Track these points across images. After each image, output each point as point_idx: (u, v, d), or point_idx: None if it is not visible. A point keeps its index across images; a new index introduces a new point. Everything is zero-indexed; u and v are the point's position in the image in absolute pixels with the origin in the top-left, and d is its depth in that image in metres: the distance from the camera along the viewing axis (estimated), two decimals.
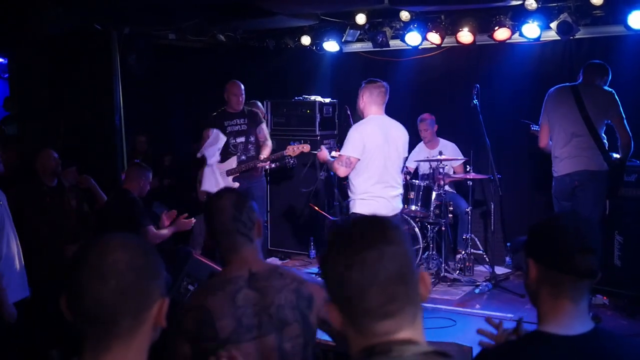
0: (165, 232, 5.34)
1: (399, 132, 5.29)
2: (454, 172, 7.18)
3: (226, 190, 2.61)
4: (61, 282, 1.45)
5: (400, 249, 1.37)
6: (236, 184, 6.67)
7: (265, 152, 6.70)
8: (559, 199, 5.79)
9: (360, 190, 5.14)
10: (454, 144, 7.30)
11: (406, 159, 5.67)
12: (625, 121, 5.59)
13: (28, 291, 4.36)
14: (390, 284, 1.33)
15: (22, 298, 4.28)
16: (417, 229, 6.59)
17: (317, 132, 7.70)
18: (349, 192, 5.32)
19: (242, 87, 6.76)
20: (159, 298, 1.47)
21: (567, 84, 5.86)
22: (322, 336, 5.16)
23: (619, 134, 5.62)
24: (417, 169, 7.39)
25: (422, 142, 7.38)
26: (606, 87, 5.73)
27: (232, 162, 6.71)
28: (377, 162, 5.08)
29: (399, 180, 5.29)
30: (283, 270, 2.48)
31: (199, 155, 6.63)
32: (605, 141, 5.65)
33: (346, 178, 5.34)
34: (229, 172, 6.69)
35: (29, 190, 5.33)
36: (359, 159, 5.07)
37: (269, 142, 6.83)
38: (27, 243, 4.60)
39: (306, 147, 6.66)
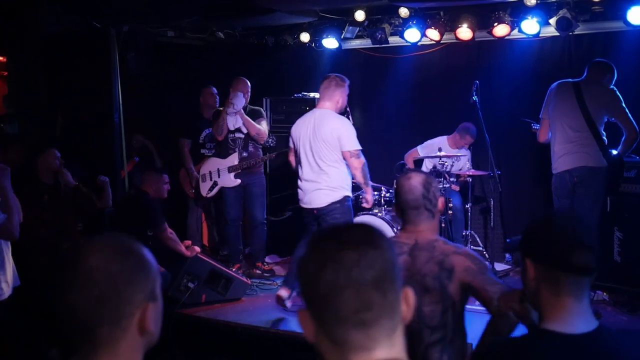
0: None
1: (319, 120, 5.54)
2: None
3: (414, 171, 2.97)
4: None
5: (383, 255, 1.28)
6: (238, 181, 6.76)
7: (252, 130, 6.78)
8: (559, 196, 5.78)
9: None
10: (469, 153, 7.24)
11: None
12: (630, 116, 5.58)
13: (18, 280, 4.34)
14: (365, 289, 1.24)
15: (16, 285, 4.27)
16: None
17: None
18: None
19: (249, 84, 6.89)
20: (141, 303, 1.40)
21: (570, 79, 5.86)
22: None
23: (625, 130, 5.61)
24: (420, 162, 7.37)
25: (446, 139, 7.22)
26: (611, 86, 5.73)
27: (234, 159, 6.76)
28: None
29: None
30: (438, 243, 2.81)
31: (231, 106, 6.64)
32: (604, 138, 5.64)
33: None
34: (230, 169, 6.73)
35: (28, 189, 5.33)
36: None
37: (261, 130, 6.88)
38: (25, 242, 4.59)
39: None
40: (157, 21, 7.29)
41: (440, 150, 6.71)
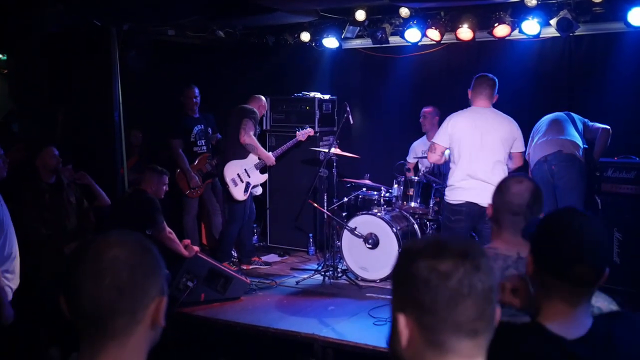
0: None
1: (496, 124, 5.29)
2: None
3: (526, 176, 2.81)
4: (60, 280, 1.44)
5: (491, 265, 1.33)
6: (265, 176, 7.10)
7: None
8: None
9: (450, 179, 5.34)
10: None
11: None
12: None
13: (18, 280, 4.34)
14: (483, 298, 1.28)
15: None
16: (416, 226, 6.60)
17: (317, 129, 7.70)
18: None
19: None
20: (156, 296, 1.44)
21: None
22: (321, 333, 5.18)
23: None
24: (417, 165, 7.38)
25: (424, 136, 7.36)
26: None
27: (254, 158, 6.96)
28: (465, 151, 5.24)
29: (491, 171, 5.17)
30: None
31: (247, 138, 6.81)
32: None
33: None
34: (257, 165, 6.95)
35: (28, 187, 5.33)
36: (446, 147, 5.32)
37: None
38: (26, 240, 4.59)
39: (311, 131, 7.31)
40: (157, 20, 7.28)
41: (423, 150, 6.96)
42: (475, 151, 5.17)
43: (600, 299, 2.54)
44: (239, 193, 6.82)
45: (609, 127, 5.94)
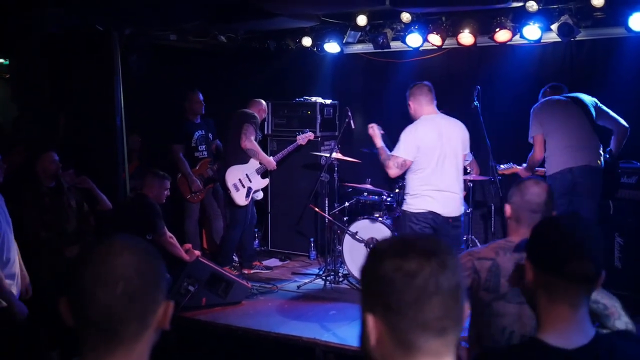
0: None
1: (454, 129, 5.32)
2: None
3: (541, 179, 3.07)
4: (61, 283, 1.43)
5: (458, 264, 1.34)
6: (267, 180, 7.11)
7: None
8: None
9: (413, 188, 5.22)
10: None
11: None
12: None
13: (18, 295, 4.34)
14: (449, 297, 1.29)
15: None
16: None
17: (318, 133, 7.71)
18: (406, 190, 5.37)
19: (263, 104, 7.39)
20: (163, 301, 1.44)
21: (558, 97, 5.95)
22: (323, 338, 5.17)
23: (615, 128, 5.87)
24: None
25: None
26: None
27: (255, 163, 6.97)
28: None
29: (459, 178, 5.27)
30: None
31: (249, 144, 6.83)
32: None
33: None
34: (258, 170, 6.95)
35: (28, 190, 5.33)
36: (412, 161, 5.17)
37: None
38: (27, 244, 4.60)
39: (311, 135, 7.31)
40: (159, 24, 7.30)
41: None
42: (439, 160, 5.14)
43: (605, 296, 2.58)
44: (240, 198, 6.82)
45: (626, 124, 5.85)
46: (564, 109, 5.82)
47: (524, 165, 6.14)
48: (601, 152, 5.78)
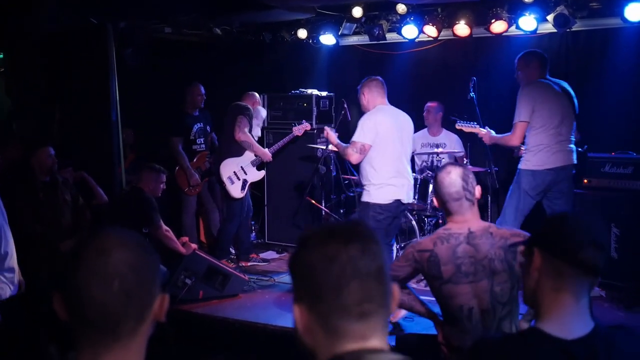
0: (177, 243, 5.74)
1: (405, 120, 5.48)
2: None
3: (451, 165, 3.22)
4: (56, 277, 1.42)
5: (379, 248, 1.35)
6: (263, 172, 7.09)
7: None
8: (532, 195, 5.53)
9: (375, 177, 5.27)
10: (457, 137, 7.25)
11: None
12: None
13: (16, 289, 4.33)
14: (369, 281, 1.30)
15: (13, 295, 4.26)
16: (414, 222, 6.59)
17: (314, 125, 7.69)
18: (362, 180, 5.41)
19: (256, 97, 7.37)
20: (158, 294, 1.43)
21: (546, 79, 5.58)
22: None
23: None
24: (413, 159, 7.38)
25: (424, 130, 7.38)
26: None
27: (250, 155, 6.94)
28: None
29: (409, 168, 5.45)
30: (493, 229, 3.10)
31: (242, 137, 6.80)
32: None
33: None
34: (254, 162, 6.93)
35: (23, 185, 5.32)
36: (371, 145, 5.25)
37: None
38: (22, 239, 4.58)
39: (308, 126, 7.26)
40: (154, 17, 7.27)
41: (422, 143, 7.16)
42: (398, 149, 5.30)
43: None
44: (236, 191, 6.81)
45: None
46: (557, 100, 5.46)
47: (488, 130, 5.86)
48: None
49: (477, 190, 3.16)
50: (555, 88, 5.52)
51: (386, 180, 5.22)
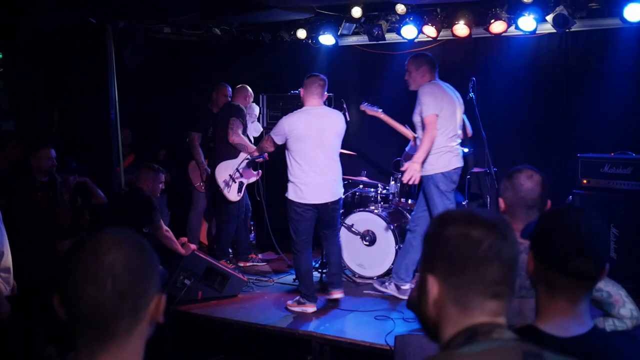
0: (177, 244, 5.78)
1: (330, 121, 5.64)
2: None
3: (532, 169, 2.88)
4: (54, 277, 1.43)
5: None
6: (259, 172, 7.03)
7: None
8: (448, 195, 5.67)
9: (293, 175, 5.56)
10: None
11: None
12: None
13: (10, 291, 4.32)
14: (507, 265, 1.41)
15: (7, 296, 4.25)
16: None
17: None
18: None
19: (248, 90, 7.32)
20: (155, 294, 1.43)
21: (443, 83, 5.84)
22: (319, 330, 5.16)
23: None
24: None
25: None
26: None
27: (245, 156, 6.88)
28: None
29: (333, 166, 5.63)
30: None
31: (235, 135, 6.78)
32: None
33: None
34: (249, 164, 6.87)
35: (21, 185, 5.31)
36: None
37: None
38: (20, 239, 4.59)
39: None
40: (153, 17, 7.26)
41: None
42: (314, 150, 5.46)
43: (609, 283, 2.57)
44: (232, 194, 6.76)
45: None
46: (451, 103, 5.68)
47: (389, 118, 6.47)
48: None
49: (549, 205, 2.85)
50: (448, 91, 5.77)
51: (301, 179, 5.52)
